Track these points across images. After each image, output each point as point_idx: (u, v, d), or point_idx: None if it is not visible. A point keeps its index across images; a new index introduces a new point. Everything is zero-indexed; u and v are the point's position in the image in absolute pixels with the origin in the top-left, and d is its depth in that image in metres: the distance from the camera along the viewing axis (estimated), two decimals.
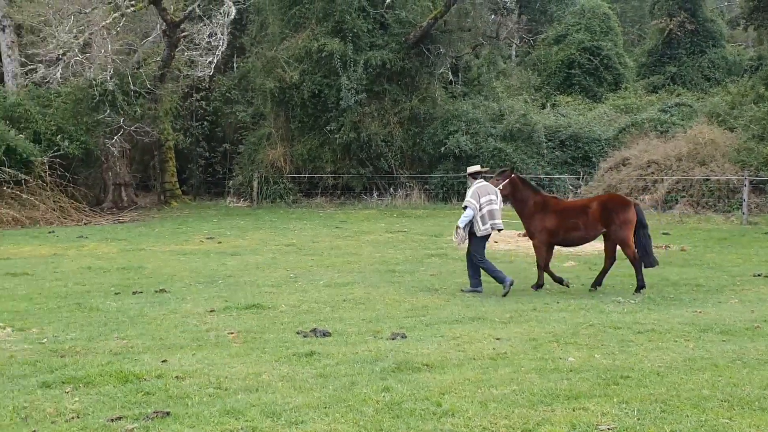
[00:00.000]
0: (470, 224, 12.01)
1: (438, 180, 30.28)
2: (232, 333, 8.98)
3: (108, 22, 26.54)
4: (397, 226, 22.69)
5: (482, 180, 12.43)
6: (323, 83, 29.95)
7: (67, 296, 11.72)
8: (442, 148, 29.83)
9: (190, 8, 27.99)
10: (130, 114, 27.89)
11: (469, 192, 12.23)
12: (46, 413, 6.01)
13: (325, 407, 6.12)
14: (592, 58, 40.53)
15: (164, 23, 28.07)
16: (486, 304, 10.99)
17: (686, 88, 39.13)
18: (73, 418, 5.90)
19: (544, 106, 34.89)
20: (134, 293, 12.03)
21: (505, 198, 12.72)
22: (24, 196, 25.13)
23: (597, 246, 14.61)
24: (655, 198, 25.24)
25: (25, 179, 25.32)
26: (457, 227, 12.08)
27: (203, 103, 34.37)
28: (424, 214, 26.78)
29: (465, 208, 12.05)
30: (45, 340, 8.66)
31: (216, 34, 27.10)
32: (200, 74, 28.92)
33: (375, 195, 30.57)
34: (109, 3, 27.11)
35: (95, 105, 27.46)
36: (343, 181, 30.96)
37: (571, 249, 14.60)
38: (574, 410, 5.94)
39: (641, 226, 12.11)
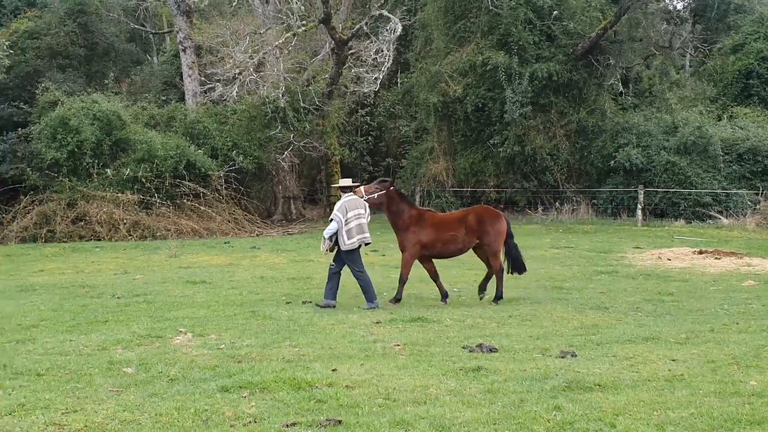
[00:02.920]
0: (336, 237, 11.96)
1: (607, 194, 29.38)
2: (397, 345, 9.02)
3: (281, 41, 27.60)
4: (563, 242, 22.17)
5: (351, 194, 12.25)
6: (487, 96, 29.80)
7: (242, 304, 12.21)
8: (612, 162, 28.91)
9: (357, 26, 28.64)
10: (299, 130, 28.85)
11: (337, 205, 12.13)
12: (225, 417, 6.23)
13: (495, 423, 6.03)
14: None
15: (333, 41, 28.87)
16: (660, 324, 10.52)
17: None
18: (250, 422, 6.09)
19: (720, 118, 33.07)
20: (303, 303, 12.39)
21: (377, 209, 12.71)
22: (202, 208, 26.53)
23: None
24: None
25: (203, 192, 26.76)
26: (324, 237, 12.09)
27: (368, 118, 35.03)
28: (592, 229, 26.03)
29: (331, 220, 12.00)
30: (223, 345, 9.03)
31: (382, 51, 27.56)
32: (366, 90, 29.48)
33: (540, 209, 30.05)
34: (282, 24, 28.22)
35: (267, 121, 28.63)
36: (507, 196, 30.63)
37: (750, 268, 13.77)
38: None
39: (509, 236, 12.66)
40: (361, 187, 12.52)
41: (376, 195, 12.48)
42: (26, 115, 30.01)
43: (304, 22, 28.03)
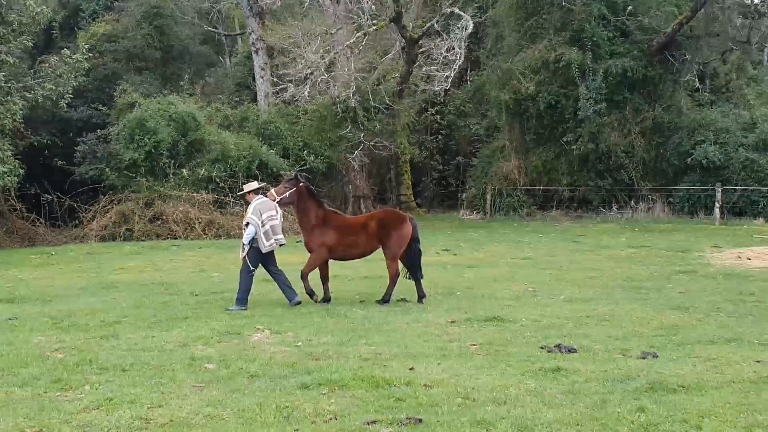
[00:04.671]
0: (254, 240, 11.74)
1: (683, 192, 28.72)
2: (474, 345, 8.98)
3: (351, 41, 27.76)
4: (639, 241, 21.73)
5: (262, 196, 12.00)
6: (560, 94, 29.44)
7: (317, 302, 12.30)
8: (688, 159, 28.24)
9: (428, 24, 28.62)
10: (369, 129, 28.96)
11: (250, 208, 11.84)
12: (306, 413, 6.29)
13: (578, 425, 5.97)
14: None
15: (403, 40, 28.90)
16: (742, 324, 10.28)
17: None
18: (331, 419, 6.14)
19: None
20: (377, 302, 12.39)
21: (287, 206, 12.49)
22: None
23: None
24: None
25: None
26: (243, 244, 11.90)
27: (438, 117, 34.94)
28: (669, 228, 25.47)
29: (247, 225, 11.74)
30: (300, 343, 9.12)
31: (453, 49, 27.47)
32: (437, 89, 29.44)
33: (614, 208, 29.53)
34: (353, 23, 28.38)
35: (338, 121, 28.83)
36: (580, 194, 30.19)
37: None
38: None
39: (415, 240, 12.46)
40: (272, 190, 12.37)
41: (287, 194, 12.23)
42: (105, 116, 30.90)
43: (374, 21, 28.14)
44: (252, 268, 11.84)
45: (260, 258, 11.91)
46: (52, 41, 35.55)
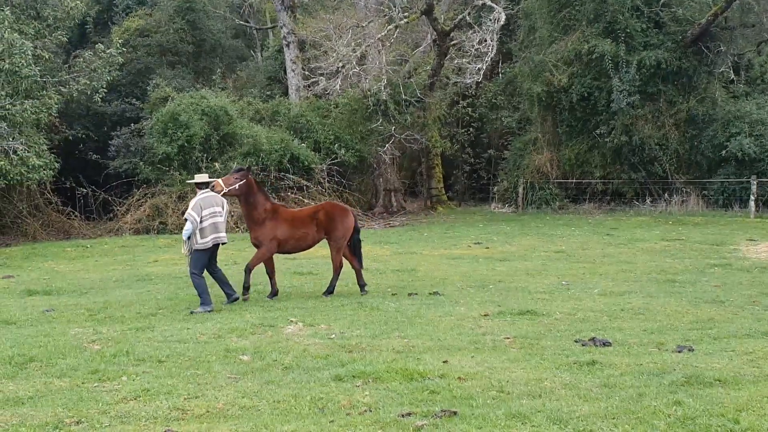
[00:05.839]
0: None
1: (718, 185, 28.35)
2: (507, 338, 8.95)
3: (383, 34, 27.73)
4: (673, 234, 21.51)
5: (208, 191, 11.49)
6: (593, 86, 29.18)
7: (349, 295, 12.35)
8: (723, 152, 27.84)
9: (460, 17, 28.49)
10: (400, 122, 28.93)
11: (192, 203, 11.40)
12: (341, 405, 6.32)
13: (613, 418, 5.94)
14: None
15: (435, 33, 28.81)
16: None
17: None
18: (365, 411, 6.15)
19: None
20: (409, 295, 12.41)
21: (235, 198, 12.11)
22: (306, 201, 26.93)
23: None
24: None
25: (306, 185, 27.20)
26: (183, 240, 11.49)
27: (469, 109, 34.79)
28: (703, 221, 25.17)
29: (186, 220, 11.32)
30: (333, 335, 9.15)
31: (485, 41, 27.33)
32: (469, 81, 29.28)
33: (648, 201, 29.24)
34: (384, 16, 28.34)
35: (369, 114, 28.83)
36: (613, 187, 29.92)
37: None
38: None
39: (356, 231, 12.67)
40: (219, 180, 11.82)
41: (237, 186, 11.74)
42: (138, 110, 31.17)
43: (406, 14, 28.09)
44: (197, 272, 11.29)
45: (205, 258, 11.43)
46: (86, 36, 35.96)
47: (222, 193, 11.63)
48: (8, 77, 23.12)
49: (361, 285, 12.68)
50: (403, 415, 5.96)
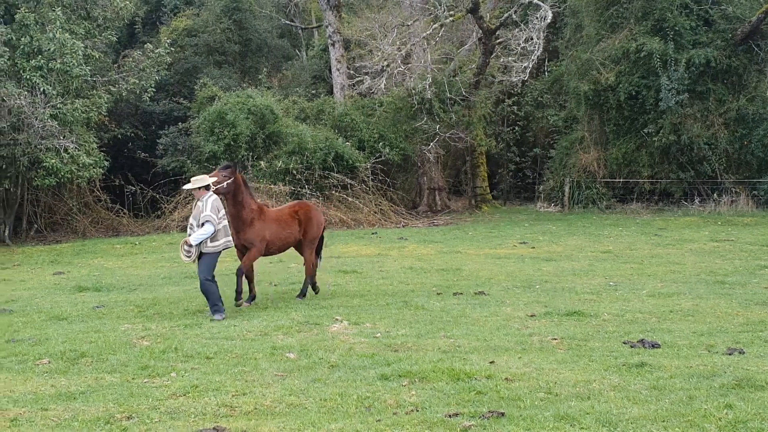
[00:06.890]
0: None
1: None
2: (555, 339, 8.87)
3: (428, 33, 27.68)
4: (722, 235, 21.13)
5: (211, 193, 10.73)
6: (641, 84, 28.79)
7: (393, 294, 12.33)
8: None
9: (506, 15, 28.33)
10: (445, 121, 28.83)
11: (208, 205, 10.49)
12: (387, 404, 6.31)
13: (663, 421, 5.85)
14: None
15: (480, 31, 28.66)
16: None
17: None
18: (412, 411, 6.14)
19: None
20: (455, 294, 12.35)
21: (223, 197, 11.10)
22: (350, 199, 27.04)
23: None
24: None
25: (350, 184, 27.28)
26: (190, 244, 10.46)
27: (515, 108, 34.59)
28: (753, 222, 24.69)
29: (204, 223, 10.41)
30: (378, 334, 9.15)
31: (532, 39, 27.12)
32: (514, 80, 29.11)
33: (696, 201, 28.77)
34: (430, 14, 28.28)
35: (413, 113, 28.79)
36: (661, 186, 29.50)
37: None
38: None
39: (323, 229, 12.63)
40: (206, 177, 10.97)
41: (225, 184, 11.00)
42: (186, 109, 31.56)
43: (451, 12, 27.99)
44: (209, 278, 10.55)
45: (216, 262, 10.77)
46: (134, 36, 36.50)
47: (212, 189, 10.90)
48: (60, 77, 23.60)
49: (313, 284, 12.37)
50: (450, 416, 5.93)
